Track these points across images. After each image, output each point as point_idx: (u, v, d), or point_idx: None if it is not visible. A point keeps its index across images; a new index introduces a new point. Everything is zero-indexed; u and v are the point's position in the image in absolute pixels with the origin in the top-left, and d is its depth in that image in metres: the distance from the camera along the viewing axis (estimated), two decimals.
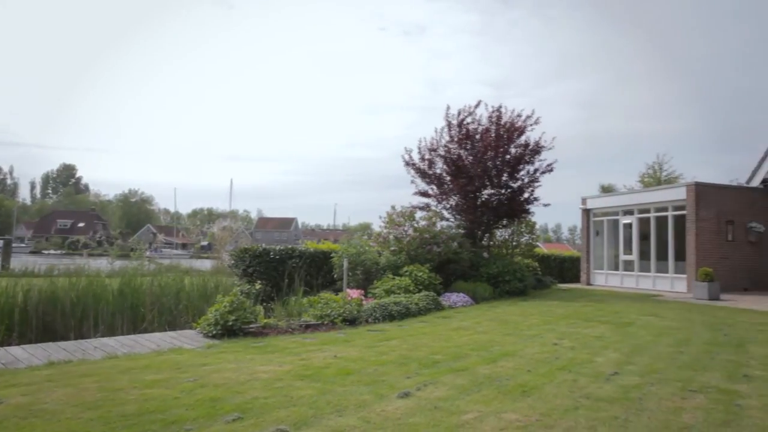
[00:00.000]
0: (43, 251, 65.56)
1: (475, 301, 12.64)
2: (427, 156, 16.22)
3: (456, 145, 15.89)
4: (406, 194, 20.30)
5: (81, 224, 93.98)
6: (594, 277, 19.80)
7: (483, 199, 16.14)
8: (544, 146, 15.96)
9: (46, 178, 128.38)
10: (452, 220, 16.54)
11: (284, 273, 12.68)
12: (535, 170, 16.17)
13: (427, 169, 16.25)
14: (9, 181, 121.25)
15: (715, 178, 32.42)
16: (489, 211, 16.20)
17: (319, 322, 8.91)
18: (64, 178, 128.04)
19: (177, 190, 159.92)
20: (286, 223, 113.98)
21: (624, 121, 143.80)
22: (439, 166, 16.18)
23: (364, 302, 10.32)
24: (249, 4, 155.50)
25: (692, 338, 7.84)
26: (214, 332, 7.75)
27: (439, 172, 16.20)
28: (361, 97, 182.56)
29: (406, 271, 12.87)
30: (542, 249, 28.15)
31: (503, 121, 15.83)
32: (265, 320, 8.72)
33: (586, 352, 6.69)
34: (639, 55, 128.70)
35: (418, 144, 16.31)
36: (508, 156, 15.68)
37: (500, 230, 18.42)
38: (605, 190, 37.19)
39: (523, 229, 19.25)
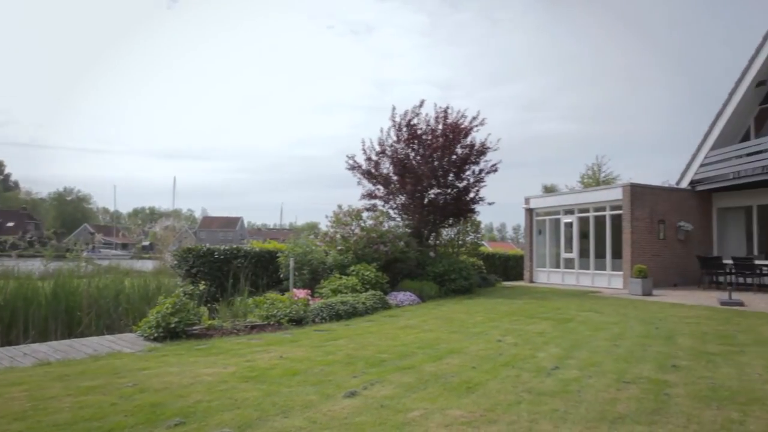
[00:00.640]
0: None
1: (421, 299, 12.78)
2: (373, 157, 16.26)
3: (403, 146, 16.00)
4: (354, 193, 20.34)
5: (10, 224, 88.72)
6: (537, 275, 20.38)
7: (429, 199, 16.34)
8: (489, 147, 16.31)
9: None
10: (399, 219, 16.68)
11: (229, 273, 12.44)
12: (481, 170, 16.51)
13: (374, 170, 16.30)
14: None
15: (649, 179, 33.97)
16: (435, 211, 16.42)
17: (265, 322, 8.80)
18: None
19: (117, 188, 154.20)
20: (231, 222, 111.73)
21: (566, 123, 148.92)
22: (386, 167, 16.26)
23: (310, 302, 10.25)
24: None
25: (627, 332, 8.19)
26: (156, 335, 7.51)
27: (386, 172, 16.27)
28: (309, 96, 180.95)
29: (353, 271, 12.87)
30: (487, 248, 28.76)
31: (450, 121, 16.06)
32: (210, 321, 8.52)
33: (528, 348, 6.88)
34: (582, 59, 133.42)
35: (363, 145, 16.35)
36: (454, 156, 15.92)
37: (446, 229, 18.71)
38: (548, 190, 38.35)
39: (468, 228, 19.63)
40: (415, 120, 16.05)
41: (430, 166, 15.56)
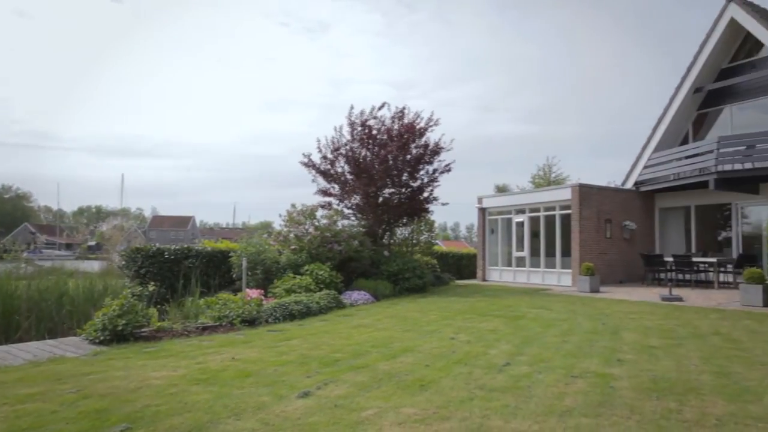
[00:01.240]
0: None
1: (376, 298, 12.81)
2: (329, 155, 16.19)
3: (358, 145, 15.99)
4: (309, 192, 20.25)
5: None
6: (489, 274, 20.74)
7: (384, 198, 16.40)
8: (443, 147, 16.49)
9: None
10: (354, 218, 16.67)
11: (180, 273, 12.17)
12: (435, 170, 16.68)
13: (329, 169, 16.23)
14: None
15: (597, 180, 35.11)
16: (390, 210, 16.49)
17: (217, 323, 8.63)
18: None
19: (60, 186, 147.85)
20: (182, 221, 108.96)
21: (518, 124, 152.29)
22: (341, 166, 16.22)
23: (264, 302, 10.12)
24: None
25: (575, 328, 8.45)
26: (102, 338, 7.25)
27: (341, 171, 16.23)
28: (263, 94, 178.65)
29: (307, 270, 12.77)
30: (441, 247, 29.11)
31: (406, 121, 16.16)
32: (159, 323, 8.29)
33: (480, 345, 7.00)
34: (533, 62, 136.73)
35: (318, 143, 16.27)
36: (408, 156, 16.02)
37: (401, 228, 18.82)
38: (500, 190, 39.04)
39: (422, 228, 19.82)
40: (371, 121, 16.08)
41: (385, 166, 15.61)
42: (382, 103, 16.22)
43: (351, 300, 11.97)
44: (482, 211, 21.00)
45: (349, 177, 16.07)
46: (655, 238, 19.68)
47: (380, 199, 16.32)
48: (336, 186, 16.46)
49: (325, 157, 16.21)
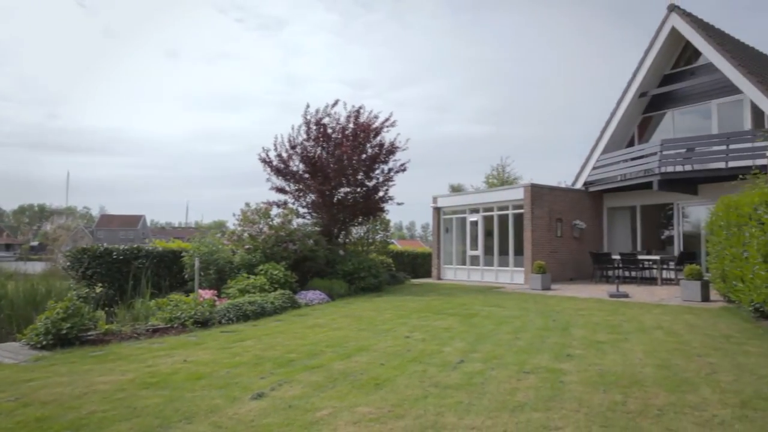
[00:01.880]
0: None
1: (331, 298, 12.76)
2: (284, 154, 16.02)
3: (313, 144, 15.88)
4: (264, 191, 20.04)
5: None
6: (444, 272, 20.97)
7: (339, 197, 16.35)
8: (398, 147, 16.55)
9: None
10: (309, 217, 16.57)
11: (129, 274, 11.79)
12: (390, 170, 16.72)
13: (285, 168, 16.06)
14: None
15: (549, 180, 35.99)
16: (345, 209, 16.45)
17: (169, 325, 8.42)
18: None
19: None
20: (132, 220, 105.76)
21: (472, 125, 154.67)
22: (297, 164, 16.07)
23: (217, 303, 9.94)
24: None
25: (527, 325, 8.64)
26: (45, 343, 6.95)
27: (296, 170, 16.08)
28: (217, 89, 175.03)
29: (261, 270, 12.62)
30: (396, 246, 29.26)
31: (362, 121, 16.14)
32: (107, 326, 8.02)
33: (435, 344, 7.07)
34: (486, 64, 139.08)
35: (274, 141, 16.07)
36: (364, 155, 16.01)
37: (356, 228, 18.82)
38: (454, 189, 39.50)
39: (378, 227, 19.88)
40: (327, 119, 15.99)
41: (340, 165, 15.56)
42: (336, 101, 16.11)
43: (306, 300, 11.89)
44: (437, 211, 21.21)
45: (305, 176, 15.95)
46: (603, 237, 20.35)
47: (335, 198, 16.25)
48: (291, 184, 16.30)
49: (280, 156, 16.03)
